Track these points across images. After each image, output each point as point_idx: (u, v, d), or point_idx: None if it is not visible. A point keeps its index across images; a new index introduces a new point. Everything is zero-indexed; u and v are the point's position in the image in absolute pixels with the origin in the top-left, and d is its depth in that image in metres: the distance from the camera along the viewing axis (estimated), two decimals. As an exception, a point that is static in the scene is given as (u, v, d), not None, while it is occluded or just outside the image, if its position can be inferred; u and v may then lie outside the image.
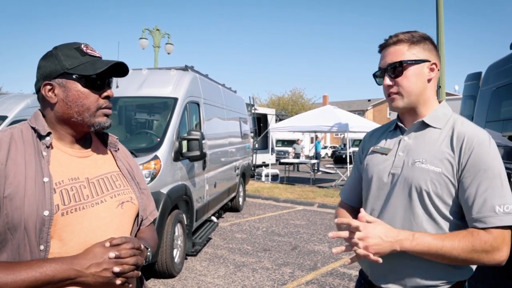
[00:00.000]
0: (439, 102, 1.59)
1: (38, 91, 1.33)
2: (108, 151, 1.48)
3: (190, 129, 5.73)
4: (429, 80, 1.53)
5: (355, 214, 1.71)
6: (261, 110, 21.41)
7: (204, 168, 6.31)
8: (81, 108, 1.29)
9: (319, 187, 14.19)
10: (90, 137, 1.43)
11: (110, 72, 1.35)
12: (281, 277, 5.23)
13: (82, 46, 1.33)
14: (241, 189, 9.79)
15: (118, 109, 5.99)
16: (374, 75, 1.63)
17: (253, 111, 15.38)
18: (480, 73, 7.19)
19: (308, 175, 17.76)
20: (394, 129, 1.68)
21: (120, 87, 5.78)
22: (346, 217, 1.66)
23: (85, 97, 1.29)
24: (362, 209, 1.48)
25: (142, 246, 1.24)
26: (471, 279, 1.50)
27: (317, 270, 5.51)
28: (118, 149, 1.52)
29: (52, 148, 1.29)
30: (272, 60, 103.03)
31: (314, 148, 23.48)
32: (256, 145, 15.10)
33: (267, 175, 15.74)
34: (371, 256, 1.37)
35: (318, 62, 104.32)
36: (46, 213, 1.16)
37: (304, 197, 11.66)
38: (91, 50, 1.34)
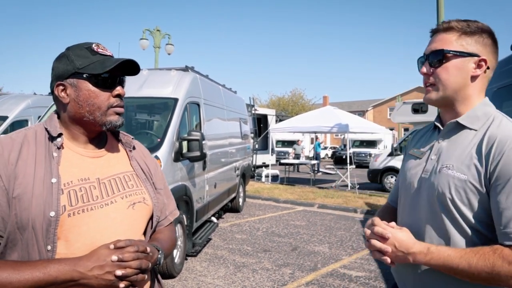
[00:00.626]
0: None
1: (52, 92, 1.33)
2: (123, 151, 1.47)
3: (190, 129, 5.73)
4: (473, 78, 1.38)
5: (395, 214, 1.67)
6: (261, 110, 21.41)
7: (204, 168, 6.31)
8: (92, 107, 1.29)
9: (319, 187, 14.19)
10: (105, 137, 1.43)
11: (122, 71, 1.36)
12: (281, 277, 5.23)
13: (93, 45, 1.33)
14: (241, 189, 9.79)
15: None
16: (418, 61, 1.50)
17: (253, 111, 15.38)
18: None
19: (308, 175, 17.76)
20: (433, 129, 1.56)
21: (121, 88, 5.77)
22: (380, 215, 1.60)
23: (95, 96, 1.29)
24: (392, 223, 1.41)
25: (149, 249, 1.21)
26: None
27: (317, 271, 5.51)
28: (134, 148, 1.50)
29: (63, 148, 1.30)
30: (272, 61, 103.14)
31: (314, 149, 23.48)
32: (256, 146, 15.09)
33: (267, 176, 15.75)
34: (385, 259, 1.34)
35: (318, 63, 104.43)
36: (52, 213, 1.16)
37: (304, 198, 11.66)
38: (102, 49, 1.33)
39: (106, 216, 1.27)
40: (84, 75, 1.28)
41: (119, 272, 1.12)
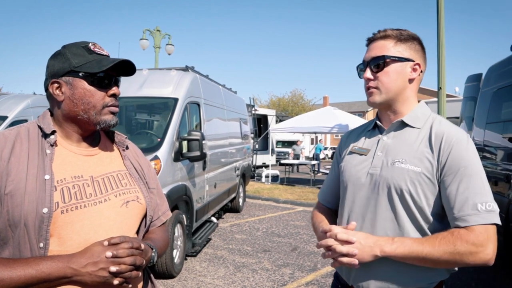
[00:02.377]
0: (418, 102, 1.59)
1: (46, 89, 1.33)
2: (117, 150, 1.48)
3: (190, 129, 5.73)
4: (410, 80, 1.52)
5: (333, 217, 1.73)
6: (261, 111, 21.42)
7: (204, 168, 6.31)
8: (87, 106, 1.29)
9: (319, 188, 14.08)
10: (98, 136, 1.44)
11: (118, 71, 1.36)
12: (281, 278, 5.23)
13: (90, 44, 1.33)
14: (241, 189, 9.78)
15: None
16: (358, 68, 1.61)
17: (253, 112, 15.38)
18: (480, 74, 7.20)
19: (308, 176, 17.75)
20: (373, 128, 1.66)
21: (121, 87, 5.77)
22: (321, 220, 1.69)
23: (91, 95, 1.29)
24: (353, 223, 1.47)
25: (143, 246, 1.22)
26: (458, 280, 1.50)
27: (317, 271, 5.51)
28: (127, 147, 1.51)
29: (56, 146, 1.29)
30: (273, 61, 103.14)
31: (314, 150, 23.48)
32: (256, 146, 15.09)
33: (267, 176, 15.74)
34: (352, 260, 1.37)
35: (319, 63, 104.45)
36: (45, 210, 1.15)
37: (304, 198, 11.67)
38: (98, 49, 1.34)
39: (100, 213, 1.26)
40: (80, 74, 1.28)
41: (113, 269, 1.12)
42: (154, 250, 1.33)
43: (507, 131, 5.24)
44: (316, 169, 19.45)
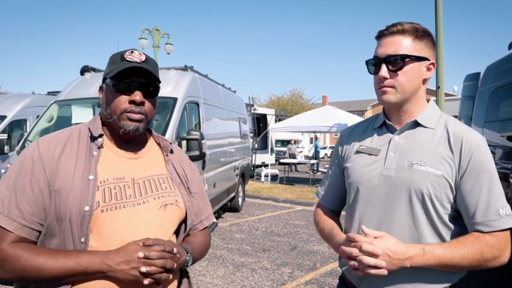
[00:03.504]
0: (427, 101, 1.54)
1: None
2: (161, 154, 1.52)
3: (189, 129, 5.73)
4: (424, 80, 1.46)
5: (337, 218, 1.69)
6: (260, 110, 21.41)
7: (203, 168, 6.31)
8: (110, 110, 1.36)
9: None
10: (145, 139, 1.50)
11: (143, 77, 1.37)
12: (280, 277, 5.24)
13: (127, 52, 1.38)
14: (240, 189, 9.79)
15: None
16: (367, 63, 1.51)
17: (252, 111, 15.38)
18: (479, 73, 7.21)
19: (308, 175, 17.76)
20: (380, 127, 1.58)
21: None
22: (332, 226, 1.61)
23: (112, 99, 1.35)
24: (363, 227, 1.38)
25: (175, 250, 1.24)
26: (471, 280, 1.50)
27: (316, 270, 5.51)
28: (171, 152, 1.54)
29: (103, 148, 1.37)
30: (272, 61, 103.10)
31: (313, 148, 23.49)
32: (256, 145, 15.09)
33: (266, 175, 15.74)
34: (381, 271, 1.30)
35: (318, 63, 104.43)
36: (86, 208, 1.22)
37: (303, 197, 11.67)
38: (131, 56, 1.36)
39: (138, 215, 1.31)
40: (107, 80, 1.36)
41: (143, 269, 1.17)
42: (189, 253, 1.36)
43: (505, 130, 5.25)
44: (315, 168, 19.47)
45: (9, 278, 1.20)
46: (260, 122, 20.58)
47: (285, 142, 28.03)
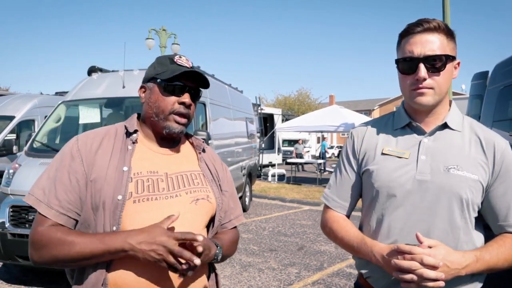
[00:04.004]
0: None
1: None
2: (194, 152, 1.58)
3: (196, 129, 5.74)
4: (452, 80, 1.43)
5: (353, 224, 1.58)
6: (267, 110, 21.40)
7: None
8: (157, 109, 1.41)
9: (326, 187, 14.12)
10: (179, 137, 1.53)
11: (195, 82, 1.46)
12: (287, 277, 5.23)
13: (176, 56, 1.46)
14: (247, 189, 9.79)
15: (124, 109, 6.01)
16: (399, 61, 1.42)
17: (259, 111, 15.38)
18: (487, 72, 7.14)
19: (315, 175, 17.72)
20: (403, 128, 1.49)
21: (127, 88, 5.80)
22: (359, 235, 1.49)
23: (162, 99, 1.41)
24: (419, 234, 1.28)
25: (201, 249, 1.23)
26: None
27: (323, 271, 5.50)
28: (204, 151, 1.60)
29: (137, 143, 1.43)
30: (279, 60, 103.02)
31: (320, 148, 23.43)
32: (263, 145, 15.08)
33: (273, 175, 15.74)
34: (439, 283, 1.23)
35: (325, 62, 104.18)
36: (119, 197, 1.28)
37: (310, 197, 11.65)
38: (181, 61, 1.44)
39: (170, 207, 1.35)
40: (157, 80, 1.42)
41: (171, 259, 1.19)
42: (218, 247, 1.40)
43: (514, 129, 5.19)
44: (322, 168, 19.42)
45: (43, 260, 1.28)
46: (267, 122, 20.56)
47: (292, 142, 28.00)
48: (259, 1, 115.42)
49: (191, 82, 1.44)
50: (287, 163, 19.01)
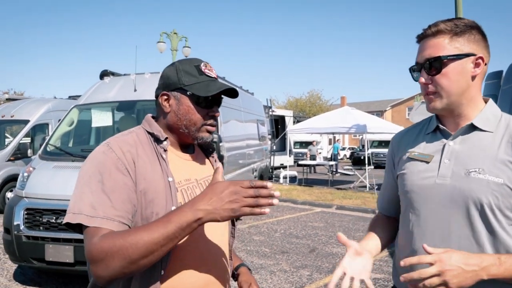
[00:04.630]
0: (485, 101, 1.42)
1: (156, 97, 1.45)
2: (205, 156, 1.60)
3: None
4: (473, 77, 1.34)
5: (395, 224, 1.60)
6: (278, 112, 21.41)
7: (221, 170, 6.32)
8: (189, 122, 1.40)
9: (338, 188, 14.09)
10: (192, 144, 1.54)
11: (222, 93, 1.46)
12: (299, 279, 5.21)
13: (202, 65, 1.42)
14: (259, 191, 9.75)
15: (136, 112, 6.06)
16: (411, 69, 1.44)
17: (270, 113, 15.40)
18: (501, 71, 7.04)
19: (326, 176, 17.65)
20: (433, 131, 1.48)
21: (139, 91, 5.85)
22: (370, 231, 1.56)
23: (194, 113, 1.39)
24: (425, 245, 1.21)
25: (278, 193, 1.20)
26: None
27: (336, 273, 5.45)
28: (214, 153, 1.64)
29: (167, 151, 1.40)
30: (290, 62, 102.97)
31: (332, 150, 23.35)
32: (274, 147, 15.08)
33: (285, 177, 15.71)
34: None
35: (336, 64, 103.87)
36: (173, 208, 1.26)
37: (322, 199, 11.60)
38: (208, 70, 1.43)
39: None
40: (188, 93, 1.38)
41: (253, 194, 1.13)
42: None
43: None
44: (334, 170, 19.35)
45: (110, 269, 1.12)
46: (278, 124, 20.55)
47: (303, 144, 27.95)
48: (270, 4, 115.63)
49: (219, 94, 1.44)
50: (299, 165, 18.96)
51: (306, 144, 27.55)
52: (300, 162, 18.48)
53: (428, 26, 1.38)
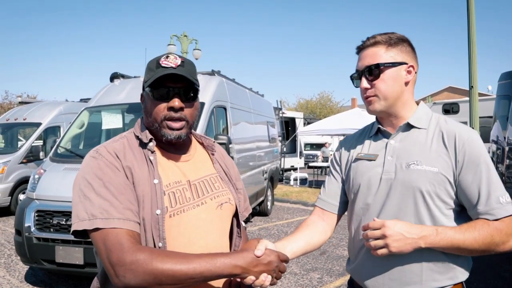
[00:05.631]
0: (417, 103, 1.60)
1: None
2: (206, 154, 1.55)
3: (217, 133, 5.75)
4: (406, 83, 1.53)
5: (325, 227, 1.75)
6: (289, 113, 21.35)
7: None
8: (151, 118, 1.36)
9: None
10: (189, 141, 1.50)
11: (181, 82, 1.35)
12: (309, 282, 5.16)
13: (162, 57, 1.36)
14: (269, 193, 9.74)
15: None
16: (352, 77, 1.62)
17: (281, 114, 15.37)
18: (513, 72, 6.95)
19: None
20: (376, 134, 1.65)
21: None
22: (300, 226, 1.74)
23: (152, 108, 1.35)
24: (374, 218, 1.45)
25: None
26: (470, 280, 1.52)
27: (346, 276, 5.38)
28: (215, 151, 1.57)
29: (154, 152, 1.37)
30: (300, 63, 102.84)
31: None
32: (284, 149, 15.04)
33: (295, 179, 15.66)
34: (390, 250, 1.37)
35: (347, 65, 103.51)
36: (158, 212, 1.25)
37: (333, 201, 11.49)
38: (166, 62, 1.34)
39: (198, 216, 1.36)
40: (146, 88, 1.37)
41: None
42: None
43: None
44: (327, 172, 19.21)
45: (137, 283, 1.14)
46: (288, 126, 20.50)
47: (314, 146, 27.85)
48: (280, 6, 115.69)
49: (181, 82, 1.34)
50: (309, 167, 18.88)
51: (316, 146, 27.44)
52: (311, 164, 18.40)
53: (367, 38, 1.56)
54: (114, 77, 6.73)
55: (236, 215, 1.53)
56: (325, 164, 19.09)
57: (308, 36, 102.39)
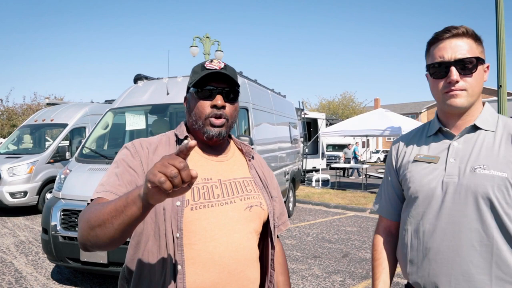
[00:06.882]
0: (483, 104, 1.53)
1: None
2: (244, 159, 1.59)
3: (239, 134, 5.76)
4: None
5: (392, 236, 1.68)
6: (311, 114, 21.27)
7: (253, 173, 6.31)
8: (195, 117, 1.44)
9: (371, 192, 13.83)
10: (228, 144, 1.57)
11: (223, 83, 1.43)
12: (331, 285, 5.12)
13: (207, 62, 1.45)
14: (291, 194, 9.72)
15: (169, 115, 6.14)
16: (430, 67, 1.48)
17: (302, 115, 15.30)
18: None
19: (360, 180, 17.38)
20: (435, 134, 1.56)
21: (171, 94, 5.92)
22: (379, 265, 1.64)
23: (196, 107, 1.43)
24: None
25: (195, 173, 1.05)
26: None
27: (369, 279, 5.34)
28: (253, 158, 1.61)
29: None
30: (322, 64, 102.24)
31: (365, 153, 22.98)
32: (306, 150, 14.97)
33: (317, 180, 15.59)
34: None
35: (369, 65, 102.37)
36: (178, 203, 1.30)
37: (355, 203, 11.41)
38: (211, 65, 1.43)
39: (225, 213, 1.38)
40: (191, 89, 1.46)
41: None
42: None
43: None
44: (349, 174, 19.15)
45: (79, 234, 1.16)
46: (310, 127, 20.42)
47: (336, 147, 27.65)
48: (302, 6, 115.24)
49: (223, 83, 1.43)
50: (331, 168, 18.75)
51: (339, 147, 27.24)
52: (333, 165, 18.27)
53: (452, 27, 1.44)
54: (137, 78, 6.82)
55: (268, 223, 1.51)
56: (347, 165, 18.94)
57: (331, 36, 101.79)
